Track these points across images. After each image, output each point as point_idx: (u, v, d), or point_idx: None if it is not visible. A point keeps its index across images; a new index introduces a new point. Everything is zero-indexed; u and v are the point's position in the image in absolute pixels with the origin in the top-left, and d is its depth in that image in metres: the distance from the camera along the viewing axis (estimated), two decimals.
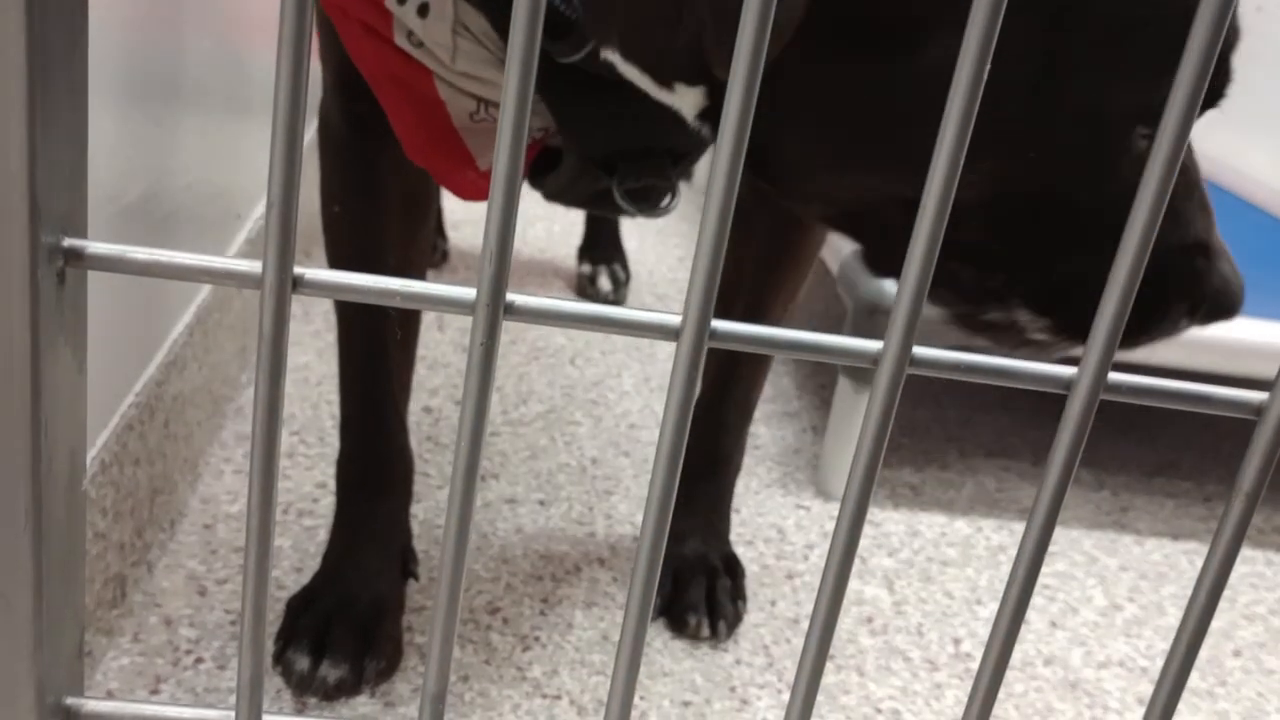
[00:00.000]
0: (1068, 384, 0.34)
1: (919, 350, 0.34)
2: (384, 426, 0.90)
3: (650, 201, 0.76)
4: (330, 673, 0.84)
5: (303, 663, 0.84)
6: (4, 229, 0.32)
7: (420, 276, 0.90)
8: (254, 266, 0.34)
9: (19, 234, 0.32)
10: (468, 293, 0.34)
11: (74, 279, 0.36)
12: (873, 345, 0.34)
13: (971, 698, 0.40)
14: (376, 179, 0.82)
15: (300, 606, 0.88)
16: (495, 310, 0.33)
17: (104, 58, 0.76)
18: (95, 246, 0.34)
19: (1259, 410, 0.35)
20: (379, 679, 0.86)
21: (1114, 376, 0.34)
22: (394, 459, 0.92)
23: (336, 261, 0.86)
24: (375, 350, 0.88)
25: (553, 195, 0.79)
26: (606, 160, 0.73)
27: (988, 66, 0.32)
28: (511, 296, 0.34)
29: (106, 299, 0.80)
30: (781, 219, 0.91)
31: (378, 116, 0.78)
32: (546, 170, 0.76)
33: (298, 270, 0.33)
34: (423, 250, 0.89)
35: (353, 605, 0.87)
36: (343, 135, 0.81)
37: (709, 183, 0.32)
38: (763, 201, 0.89)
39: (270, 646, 0.86)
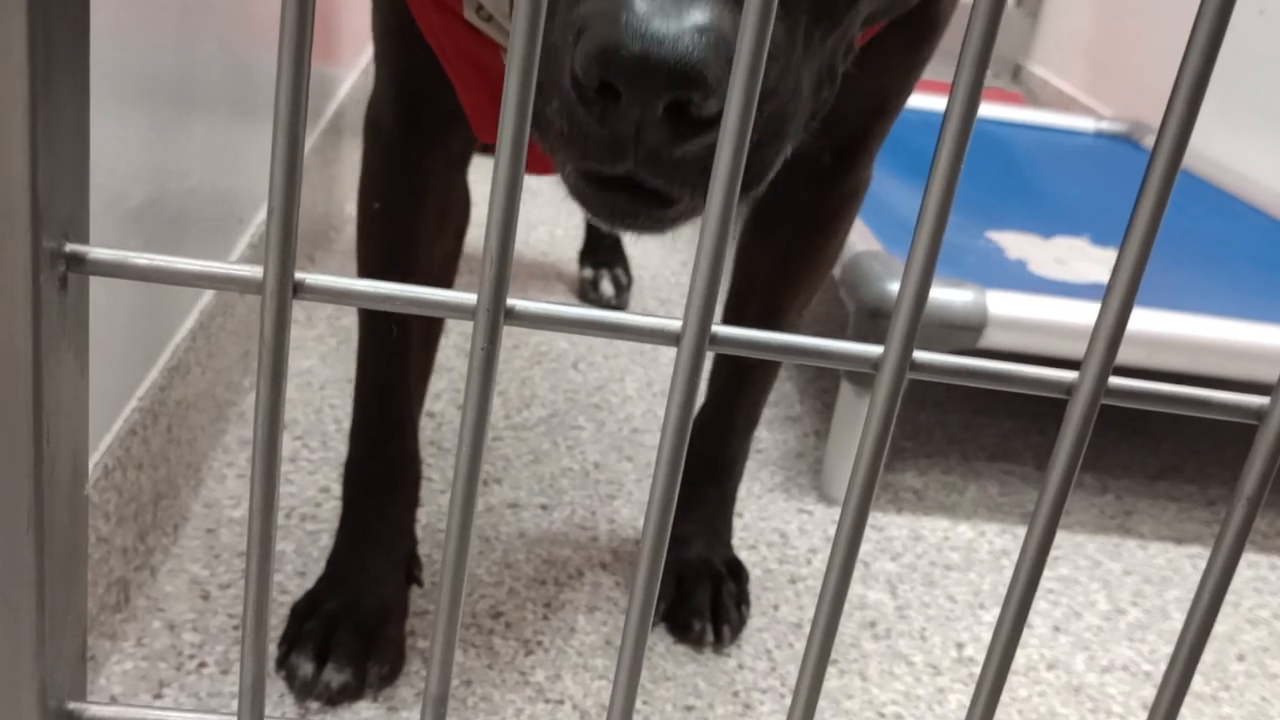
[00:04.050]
0: (1068, 388, 0.34)
1: (920, 355, 0.34)
2: (397, 430, 0.90)
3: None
4: (333, 678, 0.84)
5: (306, 668, 0.84)
6: (6, 234, 0.32)
7: (449, 281, 0.90)
8: (255, 272, 0.34)
9: (21, 239, 0.32)
10: (468, 298, 0.34)
11: (76, 284, 0.36)
12: (873, 350, 0.34)
13: (974, 702, 0.40)
14: (421, 180, 0.82)
15: (304, 611, 0.88)
16: (496, 315, 0.33)
17: (109, 61, 0.76)
18: (97, 252, 0.34)
19: (1260, 415, 0.35)
20: (382, 684, 0.86)
21: (1114, 381, 0.34)
22: (404, 463, 0.91)
23: (369, 258, 0.86)
24: (395, 352, 0.88)
25: None
26: None
27: (986, 72, 0.32)
28: (512, 302, 0.34)
29: (110, 303, 0.80)
30: (802, 224, 0.91)
31: (431, 120, 0.79)
32: None
33: (299, 276, 0.33)
34: (453, 254, 0.89)
35: (356, 610, 0.87)
36: (393, 137, 0.82)
37: (710, 185, 0.32)
38: (783, 204, 0.89)
39: (274, 651, 0.86)
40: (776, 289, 0.94)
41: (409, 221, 0.83)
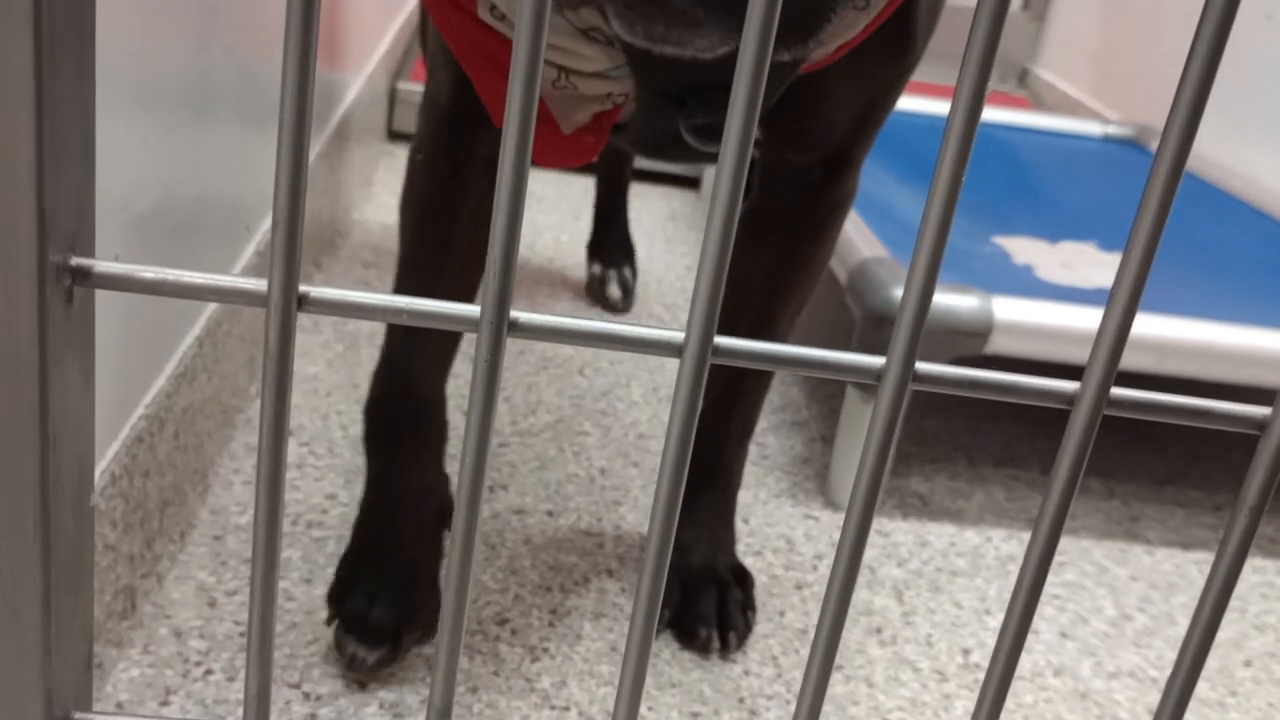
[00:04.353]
0: (1071, 399, 0.34)
1: (922, 366, 0.34)
2: (427, 365, 0.91)
3: (718, 140, 0.77)
4: (368, 655, 0.86)
5: (352, 646, 0.86)
6: (12, 247, 0.32)
7: (481, 249, 0.91)
8: (260, 285, 0.34)
9: (27, 252, 0.32)
10: (472, 310, 0.34)
11: (81, 297, 0.36)
12: (876, 361, 0.34)
13: (979, 708, 0.40)
14: (470, 141, 0.85)
15: (346, 576, 0.90)
16: (499, 328, 0.33)
17: (116, 67, 0.76)
18: (103, 265, 0.35)
19: (1262, 425, 0.35)
20: (419, 644, 0.89)
21: (1116, 391, 0.34)
22: (429, 404, 0.92)
23: (409, 200, 0.89)
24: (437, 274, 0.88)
25: (632, 141, 0.81)
26: (678, 95, 0.74)
27: (990, 74, 0.32)
28: (515, 314, 0.34)
29: (116, 310, 0.81)
30: (792, 233, 0.92)
31: (481, 108, 0.81)
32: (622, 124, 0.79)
33: (303, 289, 0.33)
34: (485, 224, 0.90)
35: (388, 576, 0.89)
36: (446, 111, 0.85)
37: (711, 201, 0.32)
38: (774, 214, 0.91)
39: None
40: (770, 298, 0.95)
41: (450, 173, 0.86)
